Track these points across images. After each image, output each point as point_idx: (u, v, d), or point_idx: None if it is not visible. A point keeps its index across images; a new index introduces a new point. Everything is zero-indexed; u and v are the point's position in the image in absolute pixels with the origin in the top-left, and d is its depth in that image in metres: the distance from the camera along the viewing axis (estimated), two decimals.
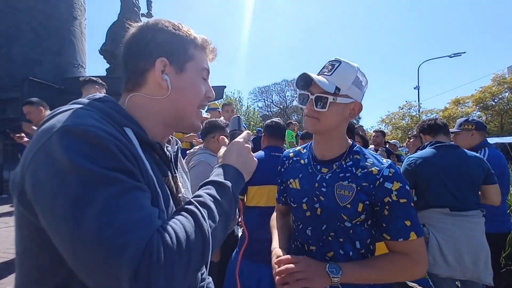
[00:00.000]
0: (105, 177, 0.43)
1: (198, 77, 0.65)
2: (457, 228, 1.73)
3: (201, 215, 0.50)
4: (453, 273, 1.72)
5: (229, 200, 0.58)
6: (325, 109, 0.87)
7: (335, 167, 0.95)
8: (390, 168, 0.88)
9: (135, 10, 8.97)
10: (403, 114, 19.66)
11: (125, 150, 0.48)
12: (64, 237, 0.42)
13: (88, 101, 0.56)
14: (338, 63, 0.89)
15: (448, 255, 1.70)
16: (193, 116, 0.67)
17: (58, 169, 0.42)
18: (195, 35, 0.66)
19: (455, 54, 17.50)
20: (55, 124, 0.46)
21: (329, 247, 0.91)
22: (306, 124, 0.95)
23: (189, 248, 0.46)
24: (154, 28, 0.62)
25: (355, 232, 0.90)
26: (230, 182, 0.60)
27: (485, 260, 1.69)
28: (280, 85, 37.28)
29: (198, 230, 0.48)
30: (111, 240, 0.40)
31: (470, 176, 1.79)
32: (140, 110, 0.61)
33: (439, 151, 1.88)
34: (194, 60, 0.64)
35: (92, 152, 0.44)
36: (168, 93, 0.61)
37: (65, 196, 0.41)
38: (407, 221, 0.84)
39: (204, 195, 0.55)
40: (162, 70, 0.61)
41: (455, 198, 1.77)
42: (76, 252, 0.41)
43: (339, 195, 0.90)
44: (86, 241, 0.40)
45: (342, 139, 0.97)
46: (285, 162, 1.12)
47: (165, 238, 0.44)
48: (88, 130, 0.45)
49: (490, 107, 17.22)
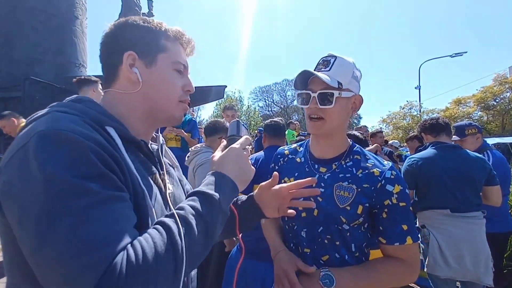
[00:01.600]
0: (78, 187, 0.41)
1: (171, 70, 0.64)
2: (458, 229, 1.72)
3: (177, 232, 0.47)
4: (453, 274, 1.72)
5: (215, 213, 0.55)
6: (331, 105, 0.84)
7: (334, 167, 0.92)
8: (392, 170, 0.87)
9: (136, 10, 8.98)
10: (404, 114, 19.60)
11: (103, 155, 0.47)
12: (27, 249, 0.41)
13: (66, 103, 0.55)
14: (334, 58, 0.88)
15: (448, 256, 1.70)
16: (172, 109, 0.65)
17: (28, 178, 0.41)
18: (166, 27, 0.65)
19: (456, 54, 17.43)
20: (30, 131, 0.46)
21: (325, 250, 0.88)
22: (310, 127, 0.90)
23: (157, 267, 0.43)
24: (124, 24, 0.63)
25: (351, 235, 0.87)
26: (219, 194, 0.56)
27: (486, 262, 1.68)
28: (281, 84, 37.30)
29: (171, 248, 0.45)
30: (72, 260, 0.38)
31: (471, 177, 1.79)
32: (117, 107, 0.60)
33: (441, 151, 1.87)
34: (167, 52, 0.63)
35: (67, 160, 0.43)
36: (140, 87, 0.60)
37: (31, 207, 0.40)
38: (404, 226, 0.83)
39: (186, 208, 0.52)
40: (131, 63, 0.60)
41: (456, 199, 1.76)
42: (39, 266, 0.40)
43: (339, 196, 0.86)
44: (48, 258, 0.39)
45: (343, 138, 0.95)
46: (280, 160, 1.07)
47: (131, 257, 0.41)
48: (64, 135, 0.44)
49: (491, 107, 17.17)
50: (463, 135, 2.31)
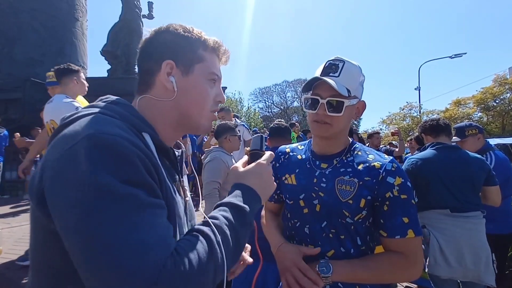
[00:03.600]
0: (125, 193, 0.42)
1: (206, 80, 0.64)
2: (458, 229, 1.72)
3: (216, 242, 0.48)
4: (454, 274, 1.72)
5: (244, 225, 0.55)
6: (340, 114, 0.85)
7: (335, 162, 0.92)
8: (392, 163, 0.86)
9: (137, 12, 9.00)
10: (404, 115, 19.62)
11: (147, 162, 0.48)
12: (75, 250, 0.41)
13: (104, 104, 0.55)
14: (342, 63, 0.86)
15: (449, 256, 1.70)
16: (202, 118, 0.65)
17: (78, 179, 0.42)
18: (206, 37, 0.65)
19: (456, 55, 17.46)
20: (78, 131, 0.46)
21: (330, 245, 0.88)
22: (316, 130, 0.90)
23: (201, 275, 0.44)
24: (165, 31, 0.63)
25: (356, 229, 0.87)
26: (248, 207, 0.57)
27: (486, 261, 1.69)
28: (281, 86, 37.41)
29: (211, 257, 0.46)
30: (125, 261, 0.39)
31: (471, 177, 1.79)
32: (149, 112, 0.61)
33: (440, 152, 1.88)
34: (204, 62, 0.63)
35: (116, 165, 0.43)
36: (175, 96, 0.61)
37: (80, 208, 0.41)
38: (405, 218, 0.82)
39: (220, 218, 0.52)
40: (169, 72, 0.61)
41: (456, 199, 1.76)
42: (88, 269, 0.40)
43: (340, 190, 0.86)
44: (98, 260, 0.39)
45: (344, 137, 0.96)
46: (281, 157, 1.07)
47: (178, 263, 0.42)
48: (113, 141, 0.45)
49: (491, 108, 17.16)
50: (463, 136, 2.30)
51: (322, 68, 0.89)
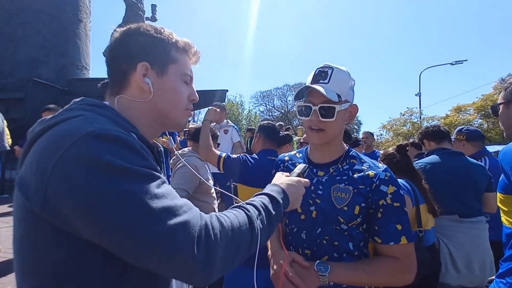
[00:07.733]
0: (143, 172, 0.47)
1: (180, 80, 0.66)
2: (466, 235, 1.73)
3: (253, 214, 0.56)
4: (463, 281, 1.72)
5: (277, 215, 0.63)
6: (332, 119, 0.88)
7: (331, 170, 0.95)
8: (386, 172, 0.90)
9: (140, 14, 9.07)
10: (404, 121, 19.62)
11: (149, 153, 0.53)
12: (119, 235, 0.42)
13: (89, 107, 0.56)
14: (331, 70, 0.90)
15: (459, 262, 1.71)
16: (179, 117, 0.68)
17: (96, 171, 0.43)
18: (177, 38, 0.67)
19: (457, 61, 17.55)
20: (72, 130, 0.46)
21: (324, 251, 0.91)
22: (311, 137, 0.94)
23: (239, 235, 0.51)
24: (137, 32, 0.64)
25: (350, 235, 0.89)
26: (283, 202, 0.67)
27: (491, 266, 1.70)
28: (282, 89, 37.45)
29: (249, 223, 0.54)
30: (171, 219, 0.44)
31: (475, 183, 1.81)
32: (128, 112, 0.62)
33: (446, 157, 1.89)
34: (177, 63, 0.66)
35: (125, 153, 0.47)
36: (151, 96, 0.62)
37: (111, 194, 0.42)
38: (399, 225, 0.85)
39: (257, 201, 0.61)
40: (144, 73, 0.62)
41: (463, 205, 1.78)
42: (133, 249, 0.43)
43: (336, 197, 0.90)
44: (145, 235, 0.42)
45: (340, 144, 0.99)
46: (280, 166, 1.12)
47: (220, 220, 0.50)
48: (114, 133, 0.47)
49: (491, 115, 17.18)
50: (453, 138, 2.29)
51: (312, 75, 0.94)
